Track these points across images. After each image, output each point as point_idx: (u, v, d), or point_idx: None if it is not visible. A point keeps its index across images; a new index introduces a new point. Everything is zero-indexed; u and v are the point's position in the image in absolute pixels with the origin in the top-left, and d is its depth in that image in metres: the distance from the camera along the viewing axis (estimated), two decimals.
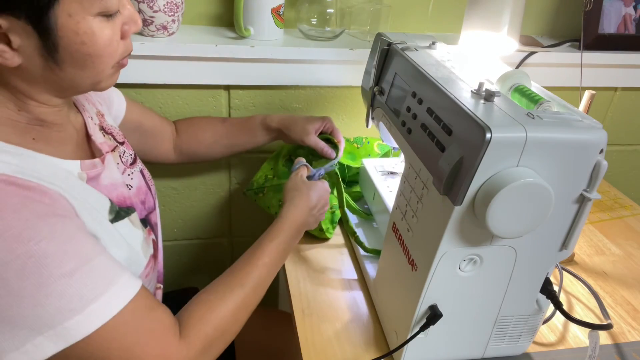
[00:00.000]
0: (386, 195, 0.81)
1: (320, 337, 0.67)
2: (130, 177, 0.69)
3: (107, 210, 0.59)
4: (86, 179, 0.58)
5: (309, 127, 0.87)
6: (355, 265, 0.81)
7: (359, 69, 0.87)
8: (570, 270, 0.83)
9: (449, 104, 0.53)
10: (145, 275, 0.63)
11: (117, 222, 0.60)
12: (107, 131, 0.69)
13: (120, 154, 0.69)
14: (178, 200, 1.11)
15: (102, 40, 0.52)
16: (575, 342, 0.70)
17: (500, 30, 0.79)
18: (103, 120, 0.70)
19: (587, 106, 0.75)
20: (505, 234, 0.50)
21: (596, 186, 0.51)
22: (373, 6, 0.98)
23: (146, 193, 0.71)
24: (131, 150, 0.73)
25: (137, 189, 0.69)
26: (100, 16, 0.51)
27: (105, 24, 0.52)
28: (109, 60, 0.55)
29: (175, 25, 0.91)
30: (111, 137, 0.69)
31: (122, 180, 0.66)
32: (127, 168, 0.69)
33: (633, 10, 1.07)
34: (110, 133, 0.70)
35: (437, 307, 0.57)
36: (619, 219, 0.99)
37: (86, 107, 0.68)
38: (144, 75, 0.93)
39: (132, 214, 0.63)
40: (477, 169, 0.47)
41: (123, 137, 0.72)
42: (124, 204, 0.63)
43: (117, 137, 0.71)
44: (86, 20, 0.50)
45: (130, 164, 0.70)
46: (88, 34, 0.51)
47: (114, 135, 0.71)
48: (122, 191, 0.64)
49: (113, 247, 0.56)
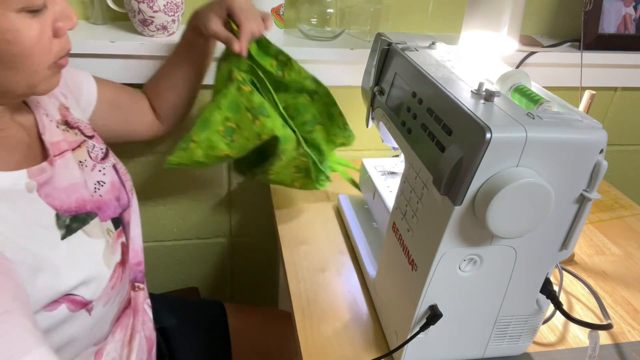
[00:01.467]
0: (386, 195, 0.81)
1: (320, 337, 0.67)
2: (102, 172, 0.65)
3: (55, 227, 0.54)
4: (36, 187, 0.54)
5: (208, 12, 0.73)
6: (355, 265, 0.81)
7: (359, 69, 0.87)
8: (570, 270, 0.83)
9: (449, 104, 0.53)
10: (111, 287, 0.59)
11: (69, 236, 0.55)
12: (72, 125, 0.65)
13: (89, 149, 0.65)
14: (178, 200, 1.11)
15: (28, 38, 0.48)
16: (575, 342, 0.70)
17: (500, 30, 0.79)
18: (68, 114, 0.66)
19: (587, 106, 0.75)
20: (505, 234, 0.50)
21: (596, 186, 0.51)
22: (373, 6, 0.98)
23: (120, 189, 0.68)
24: (102, 144, 0.69)
25: (110, 184, 0.65)
26: (25, 12, 0.47)
27: (31, 21, 0.48)
28: (41, 61, 0.51)
29: (175, 25, 0.91)
30: (78, 132, 0.65)
31: (83, 180, 0.61)
32: (97, 164, 0.65)
33: (633, 10, 1.07)
34: (77, 127, 0.66)
35: (437, 307, 0.57)
36: (619, 219, 0.99)
37: (42, 103, 0.63)
38: (144, 75, 0.93)
39: (90, 221, 0.59)
40: (477, 169, 0.47)
41: (92, 131, 0.68)
42: (82, 209, 0.59)
43: (85, 130, 0.67)
44: (8, 17, 0.46)
45: (101, 158, 0.66)
46: (11, 31, 0.47)
47: (82, 129, 0.66)
48: (82, 194, 0.59)
49: (64, 268, 0.52)
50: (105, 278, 0.58)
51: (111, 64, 0.90)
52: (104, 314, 0.60)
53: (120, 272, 0.62)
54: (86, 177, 0.63)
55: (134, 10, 0.86)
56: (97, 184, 0.63)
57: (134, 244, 0.71)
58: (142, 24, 0.88)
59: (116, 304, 0.64)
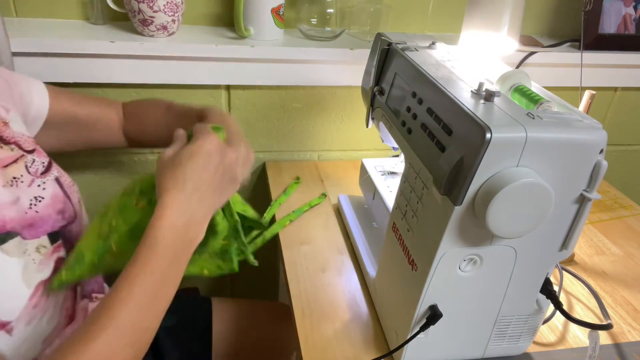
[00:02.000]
0: (386, 195, 0.81)
1: (320, 336, 0.67)
2: (42, 187, 0.63)
3: None
4: None
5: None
6: (355, 265, 0.81)
7: (359, 69, 0.87)
8: (570, 270, 0.83)
9: (449, 104, 0.53)
10: (32, 306, 0.57)
11: None
12: (8, 141, 0.62)
13: (28, 164, 0.63)
14: None
15: None
16: (575, 342, 0.70)
17: (500, 30, 0.79)
18: (5, 129, 0.63)
19: (587, 106, 0.75)
20: (505, 234, 0.50)
21: (596, 186, 0.51)
22: (373, 6, 0.98)
23: (64, 202, 0.65)
24: (44, 157, 0.66)
25: (51, 199, 0.63)
26: None
27: None
28: None
29: (175, 25, 0.91)
30: (15, 147, 0.63)
31: (10, 198, 0.58)
32: (36, 178, 0.63)
33: (633, 10, 1.07)
34: (13, 142, 0.63)
35: (437, 307, 0.57)
36: (619, 219, 0.99)
37: None
38: (144, 75, 0.93)
39: (10, 241, 0.56)
40: (477, 169, 0.47)
41: (34, 144, 0.65)
42: (2, 229, 0.56)
43: (25, 145, 0.64)
44: None
45: (41, 173, 0.63)
46: None
47: (20, 143, 0.64)
48: (3, 215, 0.56)
49: None
50: (24, 297, 0.56)
51: (111, 64, 0.90)
52: (30, 333, 0.57)
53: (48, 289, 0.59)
54: (20, 193, 0.60)
55: (134, 10, 0.87)
56: (34, 200, 0.61)
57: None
58: (142, 24, 0.88)
59: (48, 322, 0.60)
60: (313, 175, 1.06)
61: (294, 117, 1.06)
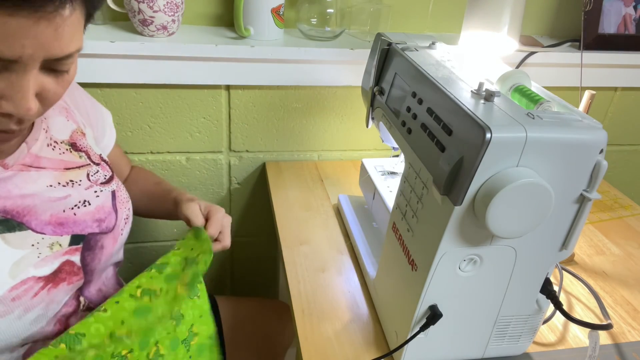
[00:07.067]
0: (386, 195, 0.81)
1: (320, 337, 0.67)
2: (97, 194, 0.66)
3: None
4: None
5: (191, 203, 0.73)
6: (355, 265, 0.81)
7: (359, 69, 0.87)
8: (570, 270, 0.83)
9: (449, 104, 0.53)
10: (11, 298, 0.55)
11: None
12: (79, 149, 0.67)
13: (90, 173, 0.67)
14: None
15: None
16: (575, 342, 0.70)
17: (500, 30, 0.79)
18: (81, 138, 0.68)
19: (587, 106, 0.75)
20: (505, 234, 0.50)
21: (596, 186, 0.51)
22: (373, 6, 0.98)
23: (109, 213, 0.67)
24: (107, 171, 0.70)
25: (96, 208, 0.65)
26: None
27: None
28: None
29: (175, 25, 0.91)
30: (84, 155, 0.67)
31: (60, 195, 0.61)
32: (95, 185, 0.66)
33: (633, 10, 1.07)
34: (84, 151, 0.68)
35: (437, 307, 0.57)
36: (619, 219, 0.99)
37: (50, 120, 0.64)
38: (144, 75, 0.93)
39: (14, 232, 0.57)
40: (477, 169, 0.47)
41: (100, 159, 0.70)
42: (16, 217, 0.57)
43: (93, 157, 0.69)
44: None
45: (101, 182, 0.68)
46: None
47: (89, 154, 0.68)
48: (26, 204, 0.58)
49: None
50: (4, 287, 0.55)
51: (111, 64, 0.90)
52: (5, 327, 0.56)
53: (38, 288, 0.58)
54: (73, 192, 0.63)
55: (134, 10, 0.87)
56: (81, 202, 0.63)
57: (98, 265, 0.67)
58: (142, 24, 0.88)
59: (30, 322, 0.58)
60: (313, 175, 1.06)
61: (294, 117, 1.06)
